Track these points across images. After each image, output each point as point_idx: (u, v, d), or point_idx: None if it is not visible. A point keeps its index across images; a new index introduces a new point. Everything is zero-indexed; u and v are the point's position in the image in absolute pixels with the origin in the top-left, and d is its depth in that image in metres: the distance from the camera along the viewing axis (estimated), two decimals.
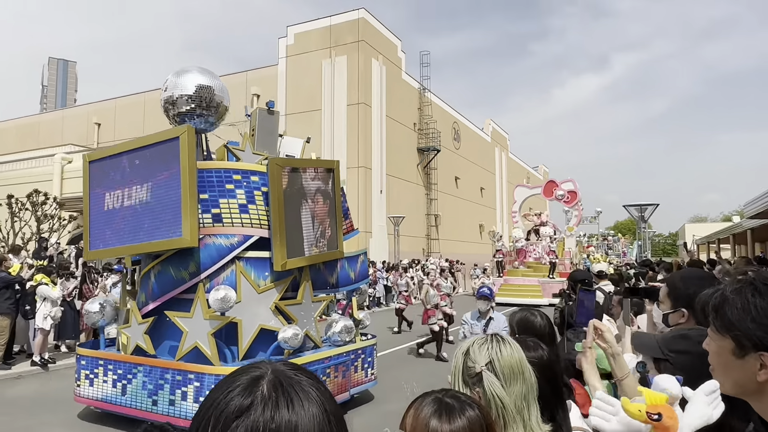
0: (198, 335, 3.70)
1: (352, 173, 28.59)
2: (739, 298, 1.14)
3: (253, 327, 3.98)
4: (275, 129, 5.51)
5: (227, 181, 4.25)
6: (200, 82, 4.53)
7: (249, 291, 4.02)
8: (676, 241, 66.21)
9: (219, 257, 4.10)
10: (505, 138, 55.48)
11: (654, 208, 17.79)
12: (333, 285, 4.86)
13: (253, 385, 0.73)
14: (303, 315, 4.27)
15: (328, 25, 30.20)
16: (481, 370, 1.46)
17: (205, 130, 4.72)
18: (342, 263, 4.90)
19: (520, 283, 23.54)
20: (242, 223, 4.22)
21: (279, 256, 4.04)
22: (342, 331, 4.53)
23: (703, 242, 36.49)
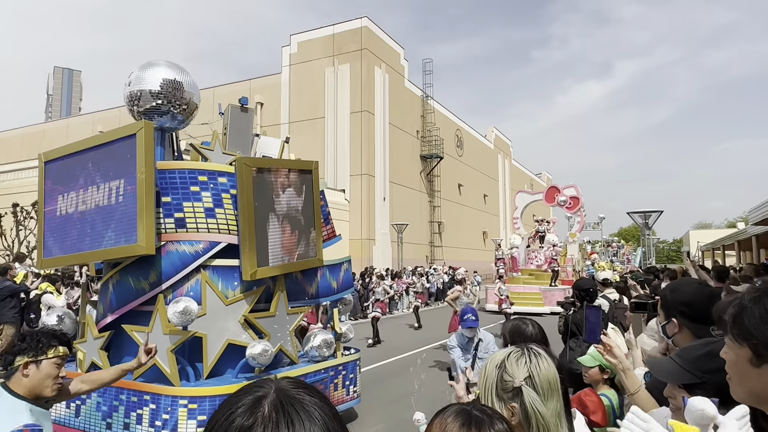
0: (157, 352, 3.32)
1: (356, 181, 28.63)
2: (757, 307, 1.14)
3: (220, 342, 3.66)
4: (249, 128, 5.04)
5: (192, 183, 3.89)
6: (167, 76, 4.14)
7: (215, 303, 3.69)
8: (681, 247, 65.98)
9: (182, 266, 3.75)
10: (508, 145, 55.51)
11: (658, 215, 17.76)
12: (312, 295, 4.47)
13: (255, 406, 0.73)
14: (277, 328, 3.91)
15: (331, 33, 30.36)
16: (521, 384, 1.42)
17: (173, 128, 4.34)
18: (323, 272, 4.53)
19: (521, 291, 23.00)
20: (208, 228, 3.88)
21: (248, 264, 3.70)
22: (321, 345, 4.17)
23: (708, 249, 36.34)
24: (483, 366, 1.57)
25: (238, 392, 0.78)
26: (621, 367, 2.00)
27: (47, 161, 4.23)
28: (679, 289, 2.36)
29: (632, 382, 2.00)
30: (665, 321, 2.31)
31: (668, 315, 2.29)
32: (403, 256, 27.14)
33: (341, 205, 28.15)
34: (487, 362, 1.54)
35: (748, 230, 24.39)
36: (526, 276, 24.69)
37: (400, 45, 33.57)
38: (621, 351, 2.06)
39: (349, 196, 28.70)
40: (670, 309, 2.29)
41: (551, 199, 27.01)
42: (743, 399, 1.22)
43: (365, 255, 27.71)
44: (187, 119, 4.35)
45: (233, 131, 4.85)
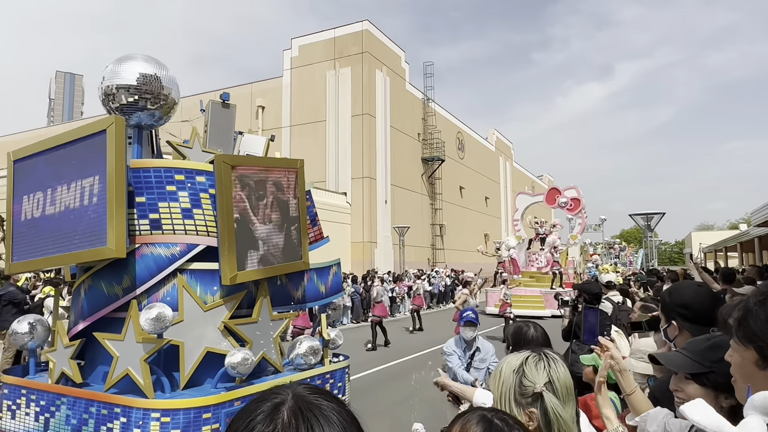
0: (130, 361, 3.22)
1: (357, 184, 28.65)
2: (762, 310, 1.14)
3: (198, 350, 3.45)
4: (231, 125, 4.85)
5: (168, 182, 3.67)
6: (144, 71, 3.89)
7: (193, 308, 3.48)
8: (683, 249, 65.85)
9: (158, 270, 3.54)
10: (510, 147, 55.51)
11: (660, 217, 17.74)
12: (299, 300, 4.25)
13: (274, 413, 0.74)
14: (259, 335, 3.71)
15: (332, 37, 30.42)
16: (542, 390, 1.41)
17: (151, 125, 4.15)
18: (310, 275, 4.30)
19: (522, 294, 22.58)
20: (185, 230, 3.65)
21: (227, 268, 3.46)
22: (307, 352, 3.91)
23: (710, 250, 36.27)
24: (497, 370, 1.55)
25: (255, 399, 0.79)
26: (618, 368, 2.01)
27: (16, 160, 4.03)
28: (678, 291, 2.37)
29: (628, 383, 2.01)
30: (666, 324, 2.31)
31: (668, 318, 2.30)
32: (404, 258, 27.14)
33: (343, 208, 28.16)
34: (502, 366, 1.53)
35: (751, 232, 24.34)
36: (527, 278, 24.44)
37: (401, 48, 33.62)
38: (618, 352, 2.06)
39: (351, 199, 28.72)
40: (670, 312, 2.30)
41: (552, 200, 26.76)
42: None
43: (367, 258, 27.71)
44: (166, 116, 4.15)
45: (214, 128, 4.66)
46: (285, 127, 31.28)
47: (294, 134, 31.00)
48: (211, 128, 4.65)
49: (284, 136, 31.27)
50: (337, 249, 26.90)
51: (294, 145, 30.81)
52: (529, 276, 24.61)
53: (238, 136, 5.01)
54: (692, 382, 1.66)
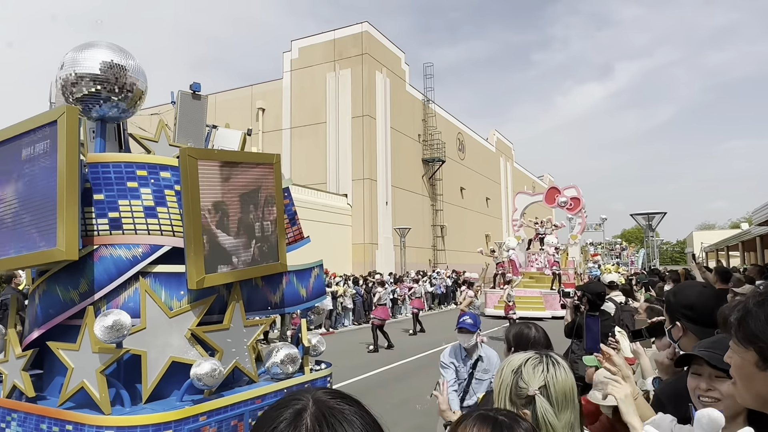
0: (85, 373, 2.93)
1: (358, 185, 28.67)
2: (762, 311, 1.14)
3: (163, 360, 3.14)
4: (202, 117, 4.42)
5: (129, 178, 3.35)
6: (108, 59, 3.54)
7: (157, 315, 3.18)
8: (684, 248, 65.74)
9: (118, 273, 3.23)
10: (510, 148, 55.52)
11: (662, 217, 17.68)
12: (276, 305, 3.93)
13: (297, 420, 0.73)
14: (231, 343, 3.39)
15: (331, 38, 30.46)
16: (534, 393, 1.40)
17: (116, 118, 3.83)
18: (289, 278, 3.97)
19: (521, 295, 21.97)
20: (149, 229, 3.34)
21: (194, 270, 3.15)
22: (284, 361, 3.58)
23: (712, 250, 36.21)
24: (500, 367, 1.55)
25: (275, 406, 0.78)
26: (620, 374, 1.99)
27: None
28: (682, 292, 2.35)
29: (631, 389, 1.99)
30: (670, 325, 2.29)
31: (673, 319, 2.28)
32: (406, 260, 27.13)
33: (344, 209, 28.17)
34: (504, 365, 1.53)
35: (752, 231, 24.30)
36: (526, 279, 24.15)
37: (400, 49, 33.65)
38: (620, 359, 2.05)
39: (352, 201, 28.72)
40: (674, 312, 2.28)
41: (551, 200, 26.49)
42: (750, 403, 1.21)
43: (368, 259, 27.70)
44: (132, 108, 3.81)
45: (184, 120, 4.25)
46: (285, 129, 31.31)
47: (294, 136, 31.03)
48: (181, 120, 4.28)
49: (284, 138, 31.31)
50: (338, 251, 26.92)
51: (294, 147, 30.84)
52: (528, 277, 24.34)
53: (212, 129, 4.65)
54: (726, 380, 1.62)
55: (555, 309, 20.48)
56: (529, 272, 24.81)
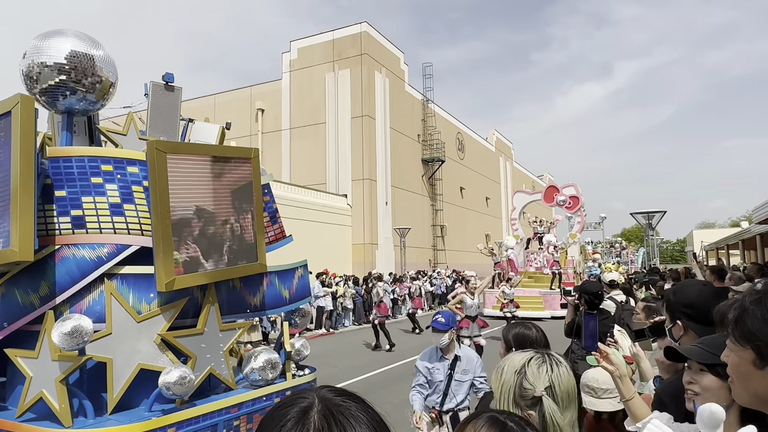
0: (44, 382, 2.74)
1: (357, 186, 28.66)
2: (758, 309, 1.14)
3: (130, 368, 2.92)
4: (175, 110, 4.13)
5: (93, 173, 3.12)
6: (75, 48, 3.30)
7: (124, 319, 2.96)
8: (684, 247, 65.72)
9: (81, 275, 3.00)
10: (510, 147, 55.50)
11: (662, 216, 17.65)
12: (256, 307, 3.68)
13: (304, 418, 0.73)
14: (205, 348, 3.15)
15: (330, 39, 30.45)
16: (541, 395, 1.39)
17: (85, 111, 3.58)
18: (270, 279, 3.73)
19: (520, 295, 21.42)
20: (115, 228, 3.12)
21: (163, 272, 2.94)
22: (264, 366, 3.36)
23: (712, 248, 36.21)
24: (499, 368, 1.51)
25: (281, 405, 0.78)
26: (617, 374, 2.01)
27: None
28: (682, 290, 2.35)
29: (627, 389, 2.01)
30: (671, 324, 2.30)
31: (673, 317, 2.28)
32: (406, 260, 27.12)
33: (343, 210, 28.16)
34: (505, 365, 1.50)
35: (752, 229, 24.29)
36: (525, 279, 23.77)
37: (399, 49, 33.64)
38: (618, 358, 2.06)
39: (351, 201, 28.72)
40: (675, 311, 2.28)
41: (550, 198, 26.14)
42: (747, 402, 1.22)
43: (368, 260, 27.70)
44: (102, 100, 3.58)
45: (155, 113, 3.98)
46: (285, 130, 31.31)
47: (294, 137, 31.03)
48: (152, 113, 4.00)
49: (284, 139, 31.30)
50: (338, 251, 26.92)
51: (294, 148, 30.83)
52: (527, 276, 23.99)
53: (188, 123, 4.38)
54: (708, 374, 1.66)
55: (555, 309, 20.30)
56: (528, 272, 24.49)
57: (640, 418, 1.96)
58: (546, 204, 27.11)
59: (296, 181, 27.51)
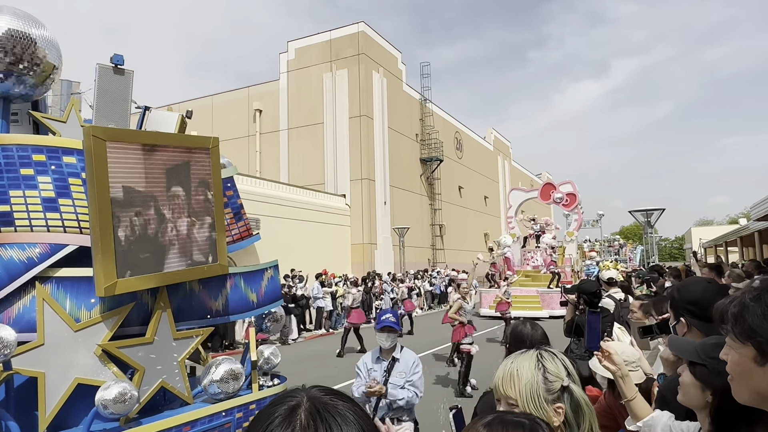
0: None
1: (356, 185, 28.66)
2: (758, 305, 1.14)
3: (66, 383, 2.63)
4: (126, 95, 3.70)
5: (23, 164, 2.77)
6: (11, 26, 3.00)
7: (59, 328, 2.63)
8: (683, 245, 65.77)
9: (9, 278, 2.66)
10: (508, 146, 55.54)
11: (660, 213, 17.71)
12: (219, 312, 3.29)
13: (292, 416, 0.75)
14: (155, 359, 2.83)
15: (328, 39, 30.44)
16: (569, 383, 1.40)
17: (24, 95, 3.23)
18: (235, 281, 3.36)
19: (517, 294, 20.78)
20: (48, 226, 2.79)
21: (102, 275, 2.63)
22: (224, 378, 3.03)
23: (710, 245, 36.27)
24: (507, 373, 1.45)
25: (270, 404, 0.80)
26: (619, 373, 2.01)
27: None
28: (686, 288, 2.35)
29: (629, 388, 2.02)
30: (675, 321, 2.30)
31: (677, 315, 2.29)
32: (405, 259, 27.12)
33: (342, 210, 28.16)
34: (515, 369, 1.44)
35: (750, 226, 24.32)
36: (522, 278, 23.35)
37: (397, 49, 33.64)
38: (619, 358, 2.06)
39: (350, 201, 28.72)
40: (679, 309, 2.28)
41: (547, 196, 25.76)
42: (746, 400, 1.22)
43: (367, 260, 27.69)
44: (43, 84, 3.27)
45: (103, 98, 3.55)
46: (283, 131, 31.29)
47: (292, 137, 31.01)
48: (99, 98, 3.60)
49: (282, 140, 31.28)
50: (337, 251, 26.92)
51: (292, 148, 30.82)
52: (524, 275, 23.57)
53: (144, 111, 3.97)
54: (687, 370, 1.70)
55: (553, 308, 20.08)
56: (525, 270, 24.07)
57: (641, 418, 1.97)
58: (542, 201, 26.67)
59: (295, 182, 27.49)
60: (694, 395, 1.65)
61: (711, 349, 1.64)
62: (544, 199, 26.14)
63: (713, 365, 1.54)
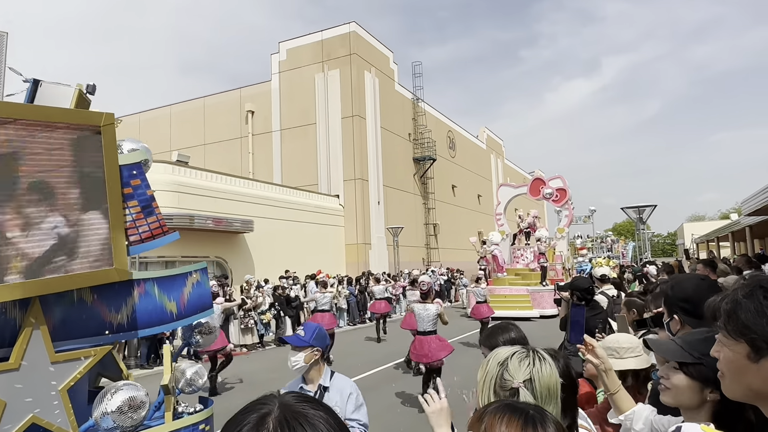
0: None
1: (349, 186, 28.64)
2: (751, 301, 1.14)
3: None
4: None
5: None
6: None
7: None
8: (675, 240, 66.12)
9: None
10: (500, 144, 55.67)
11: (652, 210, 17.76)
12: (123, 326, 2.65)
13: (260, 424, 0.74)
14: (23, 390, 2.23)
15: (319, 39, 30.40)
16: (518, 386, 1.42)
17: None
18: (144, 288, 2.70)
19: (506, 293, 20.41)
20: None
21: None
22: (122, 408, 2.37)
23: (702, 241, 36.50)
24: (484, 361, 1.55)
25: (242, 410, 0.79)
26: (603, 367, 2.02)
27: None
28: (679, 285, 2.35)
29: (612, 382, 2.03)
30: (668, 318, 2.30)
31: (670, 312, 2.28)
32: (399, 259, 27.12)
33: (336, 210, 28.13)
34: (491, 357, 1.53)
35: (741, 221, 24.53)
36: (512, 276, 22.47)
37: (389, 49, 33.64)
38: (603, 351, 2.07)
39: (344, 201, 28.69)
40: (672, 306, 2.28)
41: (536, 192, 24.92)
42: (739, 396, 1.22)
43: (362, 259, 27.68)
44: None
45: None
46: (275, 131, 31.21)
47: (285, 138, 30.94)
48: None
49: (275, 140, 31.20)
50: (332, 252, 26.88)
51: (285, 149, 30.74)
52: (514, 273, 22.73)
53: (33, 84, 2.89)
54: (680, 372, 1.67)
55: (544, 308, 19.53)
56: (515, 269, 23.19)
57: (624, 411, 1.98)
58: (532, 197, 25.93)
59: (288, 183, 27.43)
60: (690, 396, 1.62)
61: (701, 345, 1.62)
62: (534, 195, 25.19)
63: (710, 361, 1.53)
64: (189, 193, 19.01)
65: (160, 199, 3.06)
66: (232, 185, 21.67)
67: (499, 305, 18.03)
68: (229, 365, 9.75)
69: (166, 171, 18.79)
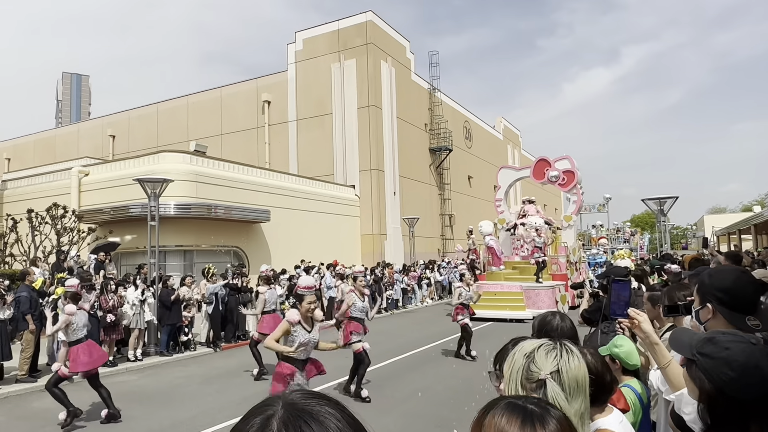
0: None
1: (365, 176, 28.62)
2: None
3: None
4: None
5: None
6: None
7: None
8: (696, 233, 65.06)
9: None
10: (517, 135, 55.15)
11: (674, 201, 17.39)
12: None
13: (264, 427, 0.72)
14: None
15: (336, 29, 30.29)
16: (546, 377, 1.39)
17: None
18: None
19: (497, 291, 17.68)
20: None
21: None
22: None
23: (723, 233, 35.89)
24: (512, 353, 1.53)
25: (247, 414, 0.77)
26: (649, 341, 1.95)
27: None
28: (719, 275, 2.28)
29: (663, 355, 1.95)
30: (700, 306, 2.25)
31: (704, 300, 2.23)
32: (415, 250, 27.10)
33: (352, 200, 28.15)
34: (517, 350, 1.51)
35: (765, 213, 24.03)
36: (509, 270, 19.70)
37: (405, 38, 33.40)
38: (650, 325, 2.00)
39: (359, 192, 28.69)
40: (707, 294, 2.21)
41: (540, 174, 21.13)
42: None
43: (377, 250, 27.71)
44: None
45: None
46: (291, 122, 31.25)
47: (301, 128, 30.98)
48: None
49: (291, 131, 31.25)
50: (347, 242, 26.95)
51: (301, 139, 30.79)
52: (512, 267, 19.86)
53: None
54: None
55: (539, 308, 16.25)
56: (513, 261, 20.17)
57: (680, 387, 1.86)
58: (536, 181, 21.96)
59: (303, 173, 27.49)
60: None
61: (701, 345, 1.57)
62: (538, 177, 21.35)
63: (701, 362, 1.45)
64: (206, 183, 19.13)
65: (178, 188, 3.17)
66: (248, 175, 21.77)
67: (489, 305, 16.19)
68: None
69: (184, 161, 18.93)
